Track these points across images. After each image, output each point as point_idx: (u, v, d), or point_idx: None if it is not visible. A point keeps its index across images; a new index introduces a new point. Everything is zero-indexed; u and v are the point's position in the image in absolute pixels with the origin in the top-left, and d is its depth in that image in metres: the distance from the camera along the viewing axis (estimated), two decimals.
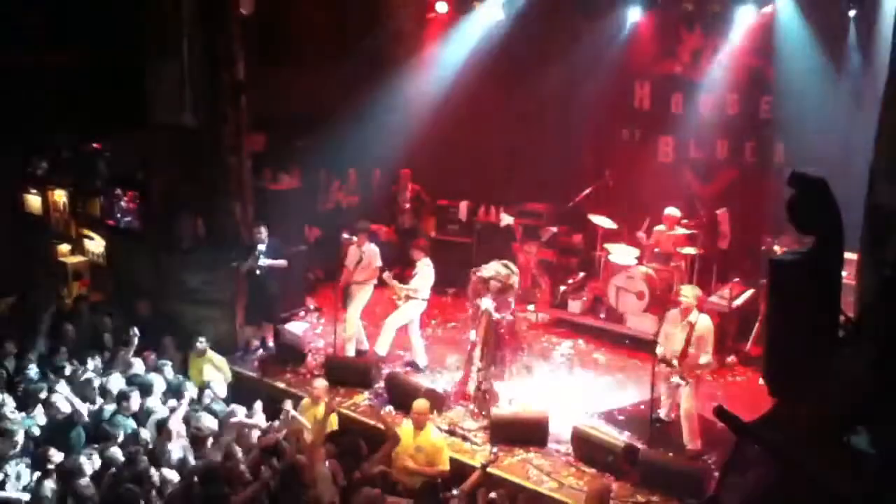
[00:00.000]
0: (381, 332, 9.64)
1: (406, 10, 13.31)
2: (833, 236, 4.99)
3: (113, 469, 6.76)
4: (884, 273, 4.98)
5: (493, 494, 6.50)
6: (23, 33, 11.79)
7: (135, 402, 7.79)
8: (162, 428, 7.48)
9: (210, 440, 7.47)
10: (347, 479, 6.69)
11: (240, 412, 7.91)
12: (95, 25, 10.95)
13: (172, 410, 7.77)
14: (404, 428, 7.58)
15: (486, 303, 8.51)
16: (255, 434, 7.66)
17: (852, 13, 10.24)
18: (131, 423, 7.58)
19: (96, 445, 7.24)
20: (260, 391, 9.07)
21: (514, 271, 8.87)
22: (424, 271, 9.49)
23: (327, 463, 6.74)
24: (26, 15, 11.80)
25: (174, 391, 8.35)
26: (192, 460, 7.19)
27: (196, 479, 6.57)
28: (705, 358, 7.84)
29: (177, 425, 7.50)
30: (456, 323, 10.63)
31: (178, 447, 7.27)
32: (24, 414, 7.66)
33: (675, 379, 7.89)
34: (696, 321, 7.82)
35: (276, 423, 7.90)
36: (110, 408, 7.80)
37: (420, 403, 7.52)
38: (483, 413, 8.43)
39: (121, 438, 7.27)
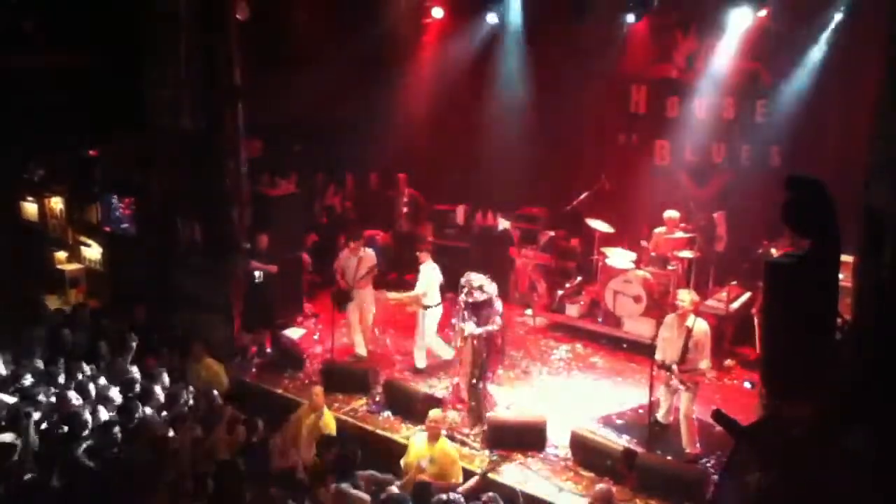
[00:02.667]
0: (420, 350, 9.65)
1: (402, 15, 13.32)
2: (829, 239, 5.01)
3: None
4: (880, 275, 5.00)
5: (484, 497, 6.49)
6: (21, 37, 11.81)
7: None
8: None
9: None
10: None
11: None
12: (93, 30, 10.95)
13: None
14: (417, 438, 7.54)
15: (470, 327, 8.47)
16: None
17: (839, 16, 10.29)
18: None
19: None
20: (258, 397, 9.07)
21: (484, 279, 8.74)
22: (428, 274, 9.49)
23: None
24: (24, 18, 11.82)
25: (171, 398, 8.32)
26: None
27: None
28: (705, 363, 7.86)
29: None
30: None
31: None
32: None
33: (675, 383, 7.89)
34: (693, 325, 7.83)
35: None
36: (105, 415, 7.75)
37: (436, 413, 7.47)
38: (480, 419, 8.41)
39: None
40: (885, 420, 4.69)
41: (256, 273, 10.34)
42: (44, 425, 7.39)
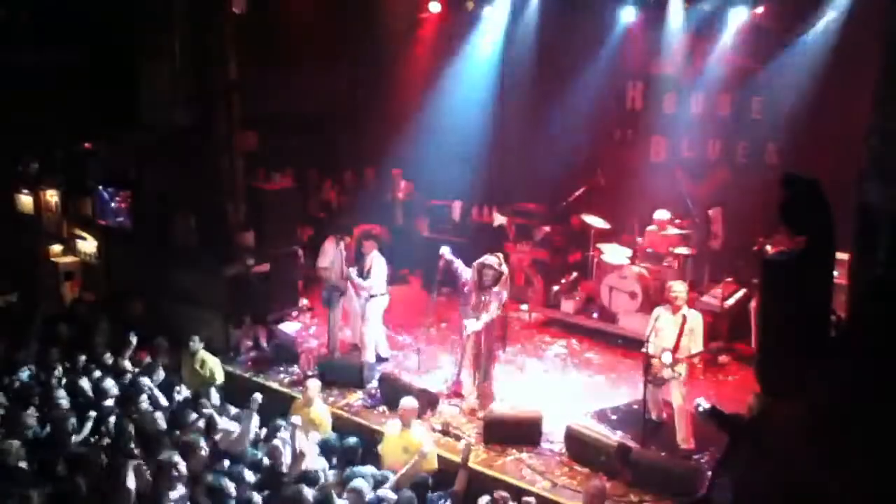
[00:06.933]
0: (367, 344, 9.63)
1: (399, 9, 13.30)
2: (824, 236, 5.02)
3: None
4: (875, 272, 5.01)
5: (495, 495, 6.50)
6: (14, 32, 11.76)
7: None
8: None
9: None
10: None
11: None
12: (87, 24, 10.92)
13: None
14: (390, 425, 7.58)
15: (471, 325, 8.55)
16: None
17: (834, 13, 10.30)
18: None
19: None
20: (253, 391, 9.06)
21: (495, 260, 8.75)
22: (377, 264, 9.53)
23: None
24: (18, 14, 11.77)
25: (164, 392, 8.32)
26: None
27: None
28: (696, 348, 7.93)
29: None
30: (447, 322, 10.57)
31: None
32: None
33: (668, 372, 7.89)
34: (688, 314, 7.90)
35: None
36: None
37: (408, 401, 7.49)
38: (477, 412, 8.43)
39: None
40: (879, 418, 4.70)
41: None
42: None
